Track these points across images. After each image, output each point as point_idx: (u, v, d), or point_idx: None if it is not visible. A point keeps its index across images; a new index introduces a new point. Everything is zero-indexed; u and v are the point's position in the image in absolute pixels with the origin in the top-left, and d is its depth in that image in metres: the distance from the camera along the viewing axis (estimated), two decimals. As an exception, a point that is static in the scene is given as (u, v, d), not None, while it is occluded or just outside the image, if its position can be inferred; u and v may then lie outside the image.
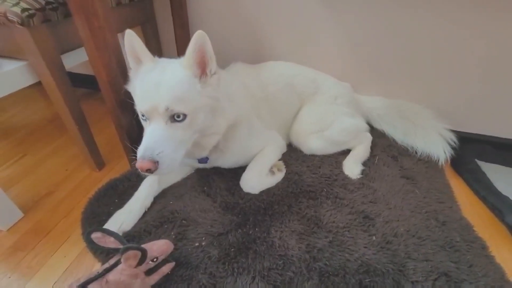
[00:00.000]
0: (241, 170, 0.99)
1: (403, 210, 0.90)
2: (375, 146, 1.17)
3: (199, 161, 0.96)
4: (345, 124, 1.12)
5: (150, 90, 0.72)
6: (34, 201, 1.03)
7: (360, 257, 0.75)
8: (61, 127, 1.35)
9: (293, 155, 1.12)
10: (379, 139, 1.22)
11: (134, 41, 0.76)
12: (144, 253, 0.65)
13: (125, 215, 0.87)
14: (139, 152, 0.71)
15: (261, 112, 1.05)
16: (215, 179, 1.00)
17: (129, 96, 0.81)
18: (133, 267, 0.66)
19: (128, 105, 0.86)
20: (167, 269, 0.72)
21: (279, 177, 1.00)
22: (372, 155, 1.13)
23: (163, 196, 0.96)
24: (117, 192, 0.98)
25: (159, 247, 0.71)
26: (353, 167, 1.05)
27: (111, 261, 0.68)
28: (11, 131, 1.43)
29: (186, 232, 0.82)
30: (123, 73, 0.90)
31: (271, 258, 0.75)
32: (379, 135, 1.24)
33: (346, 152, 1.13)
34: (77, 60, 1.10)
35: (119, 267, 0.66)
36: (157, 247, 0.71)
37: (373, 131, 1.24)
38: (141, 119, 0.79)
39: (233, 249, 0.78)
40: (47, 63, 0.90)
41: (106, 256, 0.77)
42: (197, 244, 0.79)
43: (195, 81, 0.75)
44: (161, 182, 0.97)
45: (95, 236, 0.70)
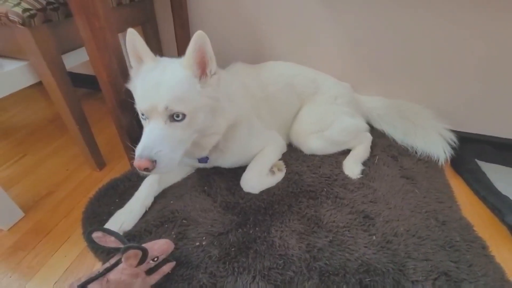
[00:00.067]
0: (241, 170, 0.99)
1: (403, 209, 0.90)
2: (375, 146, 1.18)
3: (199, 161, 0.96)
4: (345, 124, 1.12)
5: (150, 89, 0.72)
6: (34, 201, 1.03)
7: (360, 256, 0.75)
8: (61, 127, 1.35)
9: (293, 155, 1.12)
10: (379, 139, 1.22)
11: (135, 40, 0.76)
12: (144, 253, 0.65)
13: (126, 215, 0.87)
14: (137, 150, 0.71)
15: (261, 112, 1.05)
16: (215, 179, 1.00)
17: (130, 95, 0.82)
18: (134, 267, 0.66)
19: (128, 105, 0.86)
20: (167, 268, 0.72)
21: (279, 177, 1.01)
22: (372, 155, 1.13)
23: (163, 195, 0.96)
24: (118, 192, 0.98)
25: (160, 246, 0.72)
26: (353, 167, 1.05)
27: (112, 261, 0.68)
28: (12, 131, 1.43)
29: (186, 231, 0.83)
30: (124, 73, 0.90)
31: (271, 257, 0.75)
32: (379, 135, 1.24)
33: (346, 152, 1.13)
34: (77, 60, 1.10)
35: (119, 266, 0.66)
36: (158, 247, 0.71)
37: (373, 131, 1.25)
38: (141, 118, 0.79)
39: (233, 249, 0.78)
40: (48, 63, 0.90)
41: (106, 255, 0.77)
42: (197, 243, 0.79)
43: (195, 81, 0.76)
44: (161, 181, 0.97)
45: (96, 235, 0.70)
